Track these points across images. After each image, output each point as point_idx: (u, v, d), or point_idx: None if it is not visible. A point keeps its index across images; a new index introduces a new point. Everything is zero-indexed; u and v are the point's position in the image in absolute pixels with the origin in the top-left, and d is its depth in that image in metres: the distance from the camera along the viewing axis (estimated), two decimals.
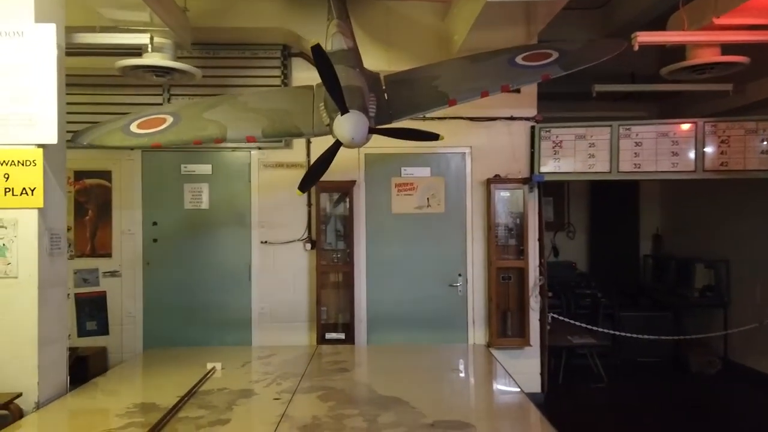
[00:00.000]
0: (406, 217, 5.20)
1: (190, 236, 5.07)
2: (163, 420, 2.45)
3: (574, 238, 8.15)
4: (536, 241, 5.12)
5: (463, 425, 2.43)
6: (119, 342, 4.96)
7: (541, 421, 2.49)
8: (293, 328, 5.10)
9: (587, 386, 5.78)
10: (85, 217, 4.99)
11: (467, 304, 5.18)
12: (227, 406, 2.71)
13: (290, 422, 2.45)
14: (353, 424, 2.43)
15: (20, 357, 2.75)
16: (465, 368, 3.74)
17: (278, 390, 2.97)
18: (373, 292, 5.17)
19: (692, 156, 4.88)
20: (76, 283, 4.91)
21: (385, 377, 3.35)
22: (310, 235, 5.13)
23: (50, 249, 2.90)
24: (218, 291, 5.07)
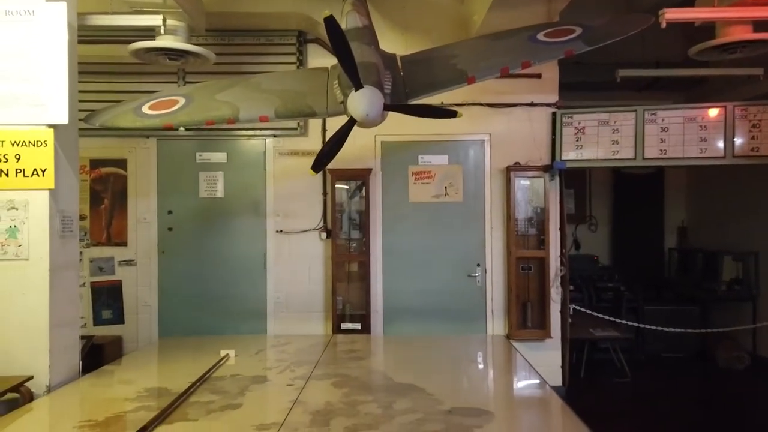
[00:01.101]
0: (423, 206, 5.11)
1: (205, 225, 5.05)
2: (174, 404, 2.40)
3: (596, 231, 7.99)
4: (557, 230, 5.00)
5: (482, 412, 2.34)
6: (135, 331, 4.96)
7: (563, 409, 2.39)
8: (308, 318, 5.06)
9: (610, 380, 5.63)
10: (101, 206, 4.99)
11: (486, 295, 5.08)
12: (239, 391, 2.65)
13: (303, 407, 2.39)
14: (368, 410, 2.36)
15: (31, 340, 2.73)
16: (484, 358, 3.64)
17: (292, 377, 2.91)
18: (390, 282, 5.09)
19: (721, 142, 4.71)
20: (91, 271, 4.93)
21: (400, 366, 3.27)
22: (325, 225, 5.08)
23: (62, 231, 2.87)
24: (233, 280, 5.05)
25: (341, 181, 5.02)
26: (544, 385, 2.77)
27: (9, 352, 2.72)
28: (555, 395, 2.59)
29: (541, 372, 3.05)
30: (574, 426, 2.15)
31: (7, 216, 2.74)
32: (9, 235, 2.73)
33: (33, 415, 2.39)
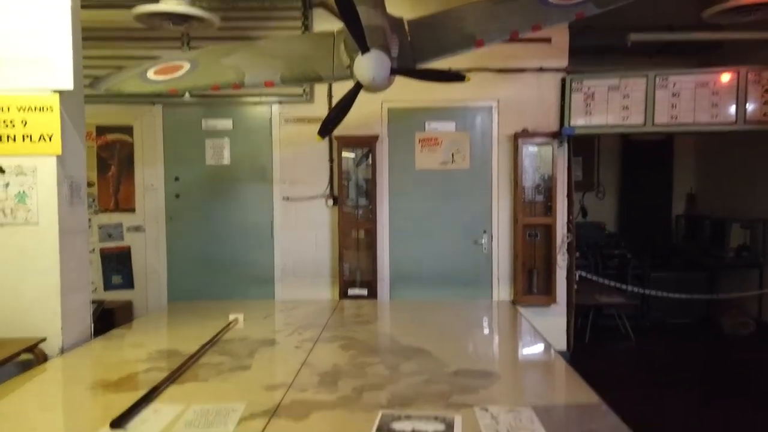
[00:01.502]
0: (430, 174, 5.10)
1: (212, 192, 5.08)
2: (185, 365, 2.45)
3: (604, 198, 7.97)
4: (565, 197, 4.99)
5: (487, 374, 2.37)
6: (144, 296, 5.04)
7: (567, 372, 2.42)
8: (316, 284, 5.11)
9: (614, 346, 5.70)
10: (108, 173, 5.01)
11: (492, 261, 5.10)
12: (248, 353, 2.70)
13: (311, 369, 2.43)
14: (375, 371, 2.40)
15: (44, 303, 2.78)
16: (489, 323, 3.68)
17: (299, 340, 2.95)
18: (396, 248, 5.13)
19: (733, 107, 4.65)
20: (100, 237, 4.98)
21: (407, 330, 3.31)
22: (332, 192, 5.08)
23: (70, 197, 2.89)
24: (241, 247, 5.09)
25: (347, 149, 5.01)
26: (549, 348, 2.80)
27: (22, 314, 2.77)
28: (560, 358, 2.63)
29: (546, 337, 3.09)
30: (578, 388, 2.19)
31: (16, 181, 2.76)
32: (18, 201, 2.75)
33: (47, 375, 2.45)
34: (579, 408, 1.97)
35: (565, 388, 2.24)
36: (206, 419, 1.87)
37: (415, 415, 1.89)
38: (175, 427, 1.80)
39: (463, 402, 2.01)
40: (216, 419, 1.86)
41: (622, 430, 1.74)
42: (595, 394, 2.08)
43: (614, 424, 1.79)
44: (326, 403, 2.02)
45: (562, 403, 2.05)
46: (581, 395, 2.10)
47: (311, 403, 2.02)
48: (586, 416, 1.88)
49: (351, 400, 2.04)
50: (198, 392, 2.17)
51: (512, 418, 1.86)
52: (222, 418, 1.87)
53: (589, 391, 2.12)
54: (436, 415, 1.89)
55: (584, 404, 2.00)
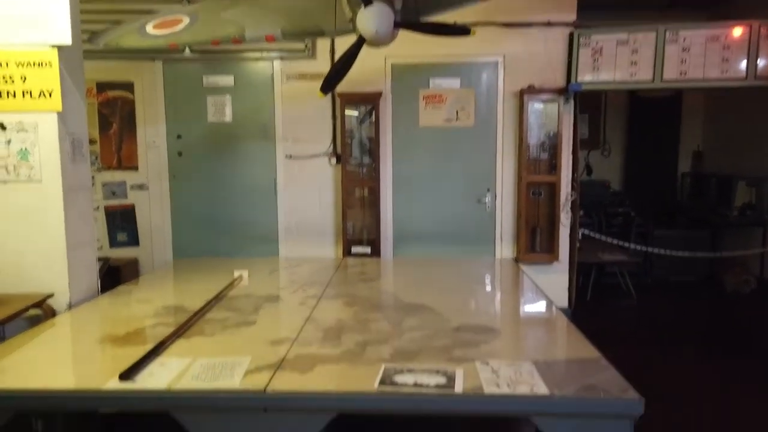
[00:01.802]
0: (433, 131, 5.05)
1: (215, 150, 5.05)
2: (191, 320, 2.49)
3: (609, 156, 7.91)
4: (570, 155, 4.95)
5: (488, 329, 2.41)
6: (150, 253, 5.09)
7: (568, 328, 2.46)
8: (319, 242, 5.13)
9: (616, 303, 5.76)
10: (110, 130, 4.99)
11: (495, 219, 5.11)
12: (253, 309, 2.74)
13: (315, 324, 2.47)
14: (378, 327, 2.44)
15: (50, 259, 2.81)
16: (492, 280, 3.71)
17: (303, 296, 3.00)
18: (400, 207, 5.13)
19: (744, 62, 4.55)
20: (104, 195, 5.00)
21: (410, 287, 3.35)
22: (335, 150, 5.06)
23: (72, 154, 2.88)
24: (244, 205, 5.10)
25: (350, 106, 4.95)
26: (550, 305, 2.83)
27: (29, 271, 2.81)
28: (561, 315, 2.66)
29: (548, 294, 3.12)
30: (578, 343, 2.22)
31: (18, 138, 2.75)
32: (21, 158, 2.75)
33: (56, 329, 2.50)
34: (579, 362, 2.01)
35: (566, 344, 2.27)
36: (213, 372, 1.91)
37: (417, 368, 1.93)
38: (183, 379, 1.85)
39: (464, 356, 2.05)
40: (222, 372, 1.91)
41: (622, 384, 1.78)
42: (595, 349, 2.12)
43: (614, 378, 1.83)
44: (330, 357, 2.06)
45: (563, 357, 2.09)
46: (582, 350, 2.13)
47: (315, 356, 2.06)
48: (586, 370, 1.91)
49: (354, 354, 2.09)
50: (204, 346, 2.22)
51: (512, 372, 1.90)
52: (228, 372, 1.91)
53: (590, 346, 2.16)
54: (437, 369, 1.92)
55: (584, 359, 2.03)
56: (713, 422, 3.24)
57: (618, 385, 1.77)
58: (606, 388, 1.75)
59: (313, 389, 1.78)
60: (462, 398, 1.74)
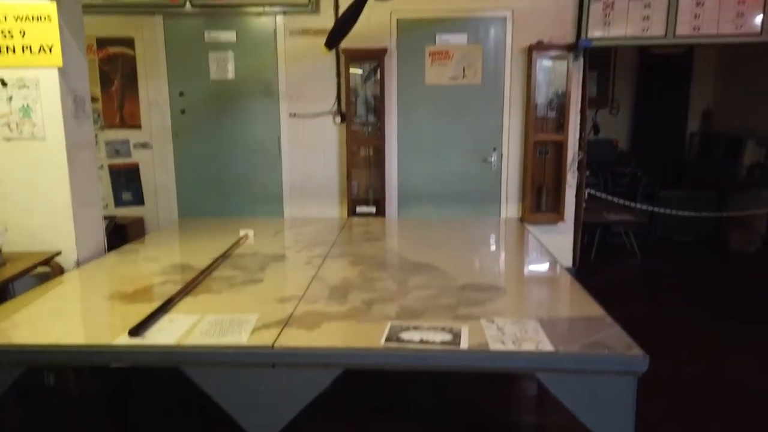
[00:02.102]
0: (439, 89, 4.97)
1: (218, 108, 5.00)
2: (198, 278, 2.51)
3: (618, 115, 7.81)
4: (578, 113, 4.88)
5: (494, 288, 2.42)
6: (155, 212, 5.10)
7: (572, 285, 2.47)
8: (324, 202, 5.13)
9: (620, 263, 5.78)
10: (112, 87, 4.93)
11: (501, 179, 5.08)
12: (260, 268, 2.76)
13: (321, 283, 2.49)
14: (383, 285, 2.46)
15: (57, 217, 2.82)
16: (497, 239, 3.72)
17: (309, 255, 3.01)
18: (405, 166, 5.10)
19: (759, 17, 4.43)
20: (108, 154, 4.98)
21: (415, 246, 3.36)
22: (339, 108, 4.99)
23: (75, 111, 2.86)
24: (248, 164, 5.07)
25: (355, 63, 4.86)
26: (555, 264, 2.84)
27: (37, 229, 2.82)
28: (566, 273, 2.67)
29: (552, 254, 3.13)
30: (583, 301, 2.24)
31: (19, 95, 2.72)
32: (23, 115, 2.73)
33: (65, 287, 2.52)
34: (584, 320, 2.02)
35: (571, 302, 2.29)
36: (221, 329, 1.93)
37: (423, 326, 1.95)
38: (191, 335, 1.87)
39: (469, 314, 2.07)
40: (230, 329, 1.93)
41: (626, 341, 1.79)
42: (600, 307, 2.13)
43: (618, 335, 1.85)
44: (337, 314, 2.08)
45: (568, 315, 2.10)
46: (586, 308, 2.15)
47: (322, 314, 2.08)
48: (590, 328, 1.93)
49: (361, 312, 2.11)
50: (212, 304, 2.24)
51: (517, 329, 1.92)
52: (236, 328, 1.94)
53: (594, 304, 2.17)
54: (443, 326, 1.94)
55: (589, 317, 2.05)
56: (714, 380, 3.29)
57: (622, 342, 1.78)
58: (610, 345, 1.77)
59: (320, 345, 1.80)
60: (467, 354, 1.76)
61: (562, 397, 1.75)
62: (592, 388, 1.73)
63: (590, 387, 1.73)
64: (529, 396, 3.11)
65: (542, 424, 2.90)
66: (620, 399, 1.72)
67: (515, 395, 3.15)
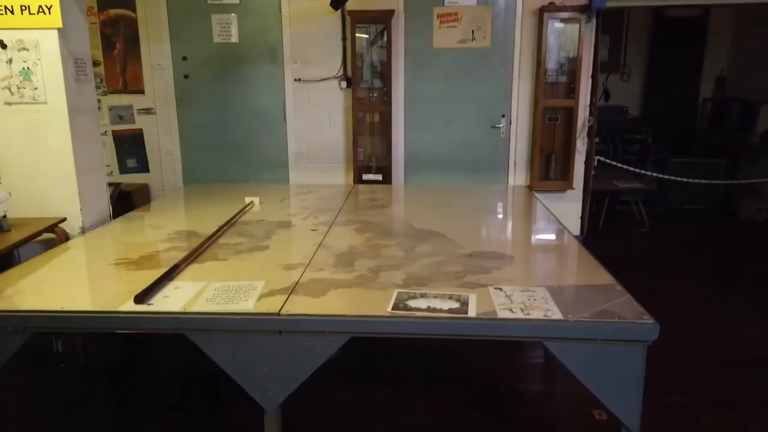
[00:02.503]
0: (448, 53, 4.86)
1: (222, 72, 4.92)
2: (204, 245, 2.50)
3: (629, 80, 7.65)
4: (589, 78, 4.77)
5: (501, 256, 2.40)
6: (160, 179, 5.08)
7: (580, 252, 2.44)
8: (330, 169, 5.09)
9: (629, 231, 5.74)
10: (114, 51, 4.85)
11: (509, 146, 5.01)
12: (265, 235, 2.74)
13: (327, 250, 2.47)
14: (390, 252, 2.43)
15: (61, 183, 2.80)
16: (505, 207, 3.68)
17: (315, 222, 2.99)
18: (412, 132, 5.03)
19: None
20: (111, 120, 4.93)
21: (422, 214, 3.33)
22: (345, 73, 4.90)
23: (76, 74, 2.80)
24: (253, 130, 5.02)
25: (361, 26, 4.75)
26: (564, 231, 2.81)
27: (41, 196, 2.81)
28: (574, 241, 2.64)
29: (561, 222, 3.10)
30: (592, 269, 2.21)
31: (19, 57, 2.67)
32: (24, 78, 2.68)
33: (71, 253, 2.52)
34: (593, 288, 2.00)
35: (580, 270, 2.26)
36: (227, 295, 1.93)
37: (430, 293, 1.93)
38: (197, 302, 1.87)
39: (477, 282, 2.05)
40: (236, 295, 1.92)
41: (636, 309, 1.77)
42: (609, 275, 2.11)
43: (628, 303, 1.83)
44: (343, 282, 2.07)
45: (577, 283, 2.08)
46: (596, 276, 2.12)
47: (328, 281, 2.07)
48: (600, 296, 1.91)
49: (367, 279, 2.09)
50: (218, 270, 2.23)
51: (526, 297, 1.90)
52: (242, 295, 1.93)
53: (604, 272, 2.15)
54: (450, 294, 1.93)
55: (599, 285, 2.03)
56: (722, 349, 3.29)
57: (633, 310, 1.76)
58: (620, 313, 1.75)
59: (326, 313, 1.79)
60: (475, 322, 1.75)
61: (571, 365, 1.74)
62: (601, 357, 1.72)
63: (599, 355, 1.72)
64: (536, 363, 3.12)
65: (549, 392, 2.92)
66: (629, 368, 1.71)
67: (522, 363, 3.16)
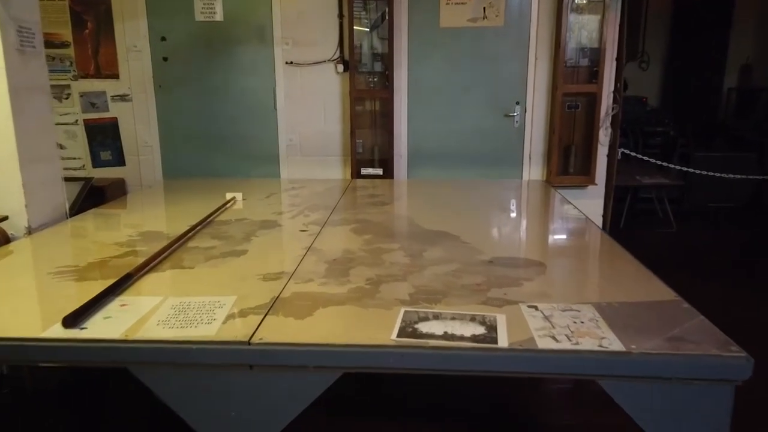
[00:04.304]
0: (456, 33, 4.45)
1: (205, 55, 4.52)
2: (168, 249, 2.10)
3: (648, 69, 7.27)
4: (614, 61, 4.38)
5: (529, 262, 2.00)
6: (137, 173, 4.68)
7: (627, 259, 2.04)
8: (325, 162, 4.70)
9: (653, 232, 5.34)
10: (85, 31, 4.43)
11: (524, 137, 4.61)
12: (245, 236, 2.35)
13: (317, 255, 2.07)
14: (393, 259, 2.04)
15: (1, 175, 2.39)
16: (525, 203, 3.28)
17: (305, 222, 2.61)
18: (415, 121, 4.62)
19: None
20: (83, 107, 4.53)
21: (429, 211, 2.93)
22: (342, 55, 4.49)
23: (19, 44, 2.40)
24: (240, 119, 4.62)
25: (360, 2, 4.34)
26: (599, 232, 2.42)
27: None
28: (616, 245, 2.24)
29: None
30: (646, 281, 1.83)
31: None
32: None
33: (9, 259, 2.11)
34: (652, 306, 1.60)
35: (630, 281, 1.85)
36: (186, 316, 1.53)
37: (446, 313, 1.53)
38: (146, 325, 1.47)
39: (504, 297, 1.65)
40: (198, 316, 1.53)
41: (718, 336, 1.37)
42: (668, 287, 1.71)
43: (704, 328, 1.43)
44: (335, 297, 1.66)
45: (630, 299, 1.67)
46: (651, 289, 1.73)
47: (317, 296, 1.67)
48: (664, 316, 1.51)
49: (366, 294, 1.69)
50: (180, 282, 1.83)
51: (570, 319, 1.50)
52: (206, 315, 1.53)
53: (662, 285, 1.75)
54: (472, 315, 1.53)
55: (658, 301, 1.63)
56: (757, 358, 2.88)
57: (714, 338, 1.37)
58: (698, 341, 1.35)
59: (312, 341, 1.39)
60: (508, 355, 1.35)
61: (632, 409, 1.34)
62: (673, 400, 1.32)
63: (672, 398, 1.32)
64: (562, 391, 2.72)
65: (579, 425, 2.51)
66: (712, 414, 1.32)
67: (546, 389, 2.76)
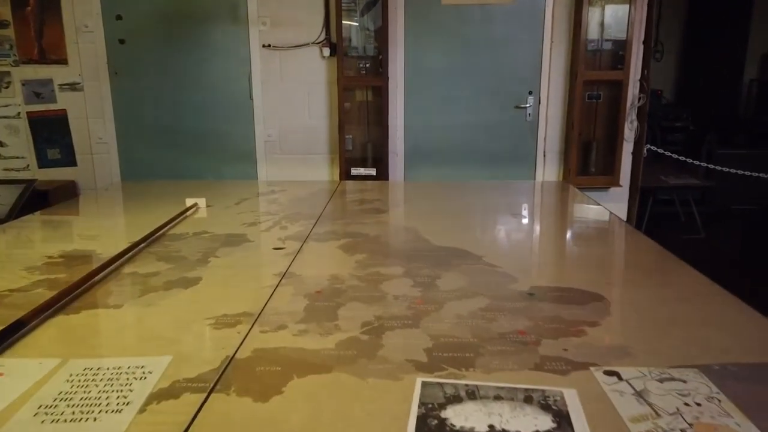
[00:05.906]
0: (460, 11, 4.12)
1: (168, 36, 4.20)
2: (91, 277, 1.58)
3: (662, 60, 6.93)
4: (641, 43, 3.96)
5: (585, 296, 1.50)
6: (91, 175, 4.25)
7: (711, 287, 1.55)
8: (310, 161, 4.31)
9: (677, 237, 4.93)
10: (26, 8, 3.96)
11: (538, 132, 4.30)
12: (201, 257, 1.84)
13: (295, 285, 1.57)
14: (398, 290, 1.53)
15: None
16: (547, 209, 2.80)
17: (282, 236, 2.11)
18: (413, 114, 4.29)
19: None
20: (26, 98, 4.10)
21: (437, 222, 2.42)
22: (328, 37, 4.13)
23: None
24: (210, 111, 4.27)
25: None
26: (661, 251, 1.93)
27: None
28: (691, 269, 1.75)
29: None
30: (741, 315, 1.33)
31: None
32: None
33: None
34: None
35: (731, 322, 1.35)
36: (84, 397, 1.02)
37: (487, 387, 1.02)
38: (22, 410, 0.96)
39: (565, 357, 1.14)
40: (102, 397, 1.01)
41: None
42: None
43: None
44: (317, 358, 1.15)
45: (744, 355, 1.17)
46: (765, 332, 1.23)
47: (290, 356, 1.15)
48: None
49: (362, 351, 1.18)
50: (94, 332, 1.32)
51: (675, 395, 1.00)
52: (115, 395, 1.01)
53: None
54: (526, 389, 1.02)
55: None
56: None
57: None
58: None
59: None
60: None
61: None
62: None
63: None
64: None
65: None
66: None
67: None
